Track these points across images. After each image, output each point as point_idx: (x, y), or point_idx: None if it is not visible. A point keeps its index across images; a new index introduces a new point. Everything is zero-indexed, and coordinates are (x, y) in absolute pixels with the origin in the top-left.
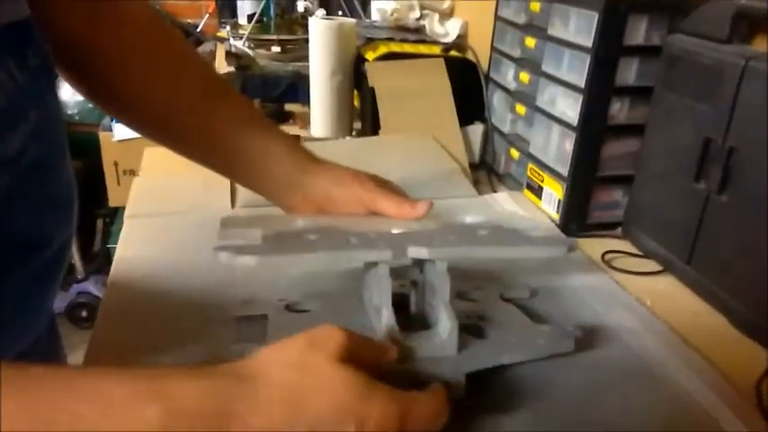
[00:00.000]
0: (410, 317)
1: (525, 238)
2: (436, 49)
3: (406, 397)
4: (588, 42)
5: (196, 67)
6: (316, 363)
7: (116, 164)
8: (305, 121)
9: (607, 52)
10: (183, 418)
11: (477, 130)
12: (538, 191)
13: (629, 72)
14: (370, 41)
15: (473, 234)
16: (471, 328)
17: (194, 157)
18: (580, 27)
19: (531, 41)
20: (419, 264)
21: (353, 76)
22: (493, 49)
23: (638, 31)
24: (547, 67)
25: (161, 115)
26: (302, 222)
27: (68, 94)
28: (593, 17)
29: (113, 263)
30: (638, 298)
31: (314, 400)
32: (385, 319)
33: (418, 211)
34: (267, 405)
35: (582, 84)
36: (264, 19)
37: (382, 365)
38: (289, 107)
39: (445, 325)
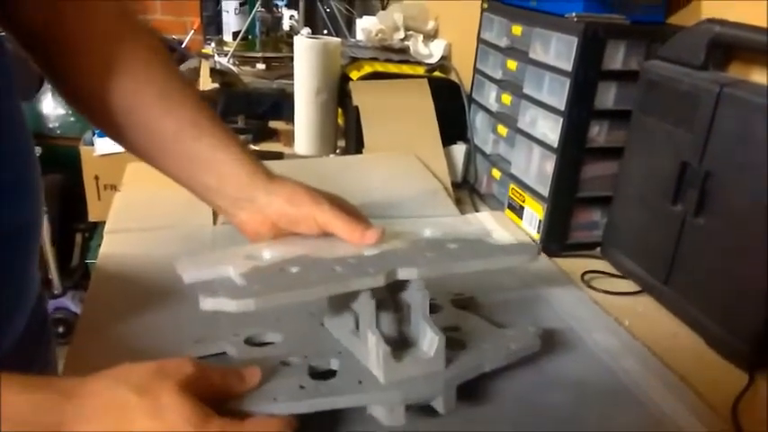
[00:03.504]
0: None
1: (493, 247)
2: (420, 70)
3: (240, 426)
4: (568, 66)
5: (158, 66)
6: (158, 388)
7: (97, 178)
8: (289, 139)
9: (586, 76)
10: (14, 426)
11: (459, 150)
12: (519, 211)
13: (607, 96)
14: (355, 61)
15: (446, 249)
16: (450, 341)
17: (148, 159)
18: (560, 51)
19: (512, 64)
20: (392, 283)
21: (338, 95)
22: (475, 70)
23: (617, 57)
24: (528, 90)
25: (117, 111)
26: (268, 253)
27: (50, 107)
28: (573, 42)
29: (92, 279)
30: (616, 318)
31: (144, 421)
32: (373, 343)
33: (368, 237)
34: (93, 419)
35: (562, 106)
36: (250, 36)
37: (232, 394)
38: (273, 124)
39: (431, 341)
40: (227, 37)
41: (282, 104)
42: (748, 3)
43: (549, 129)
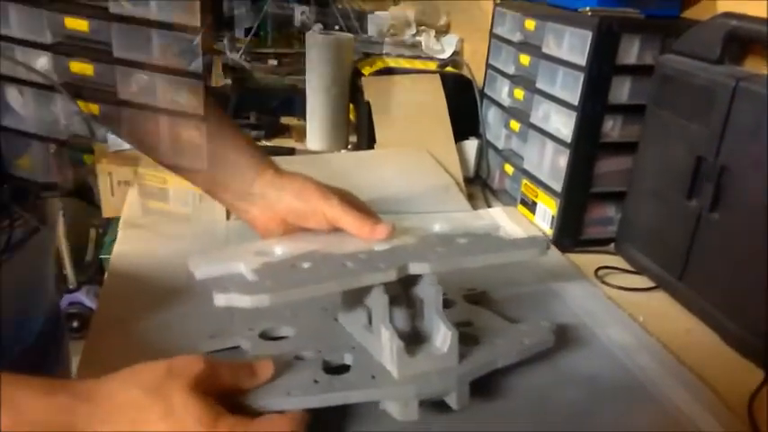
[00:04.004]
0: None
1: (503, 241)
2: (432, 65)
3: (251, 425)
4: (582, 61)
5: None
6: (169, 389)
7: (110, 174)
8: (301, 135)
9: (600, 71)
10: (28, 427)
11: (471, 145)
12: (532, 206)
13: (621, 90)
14: (367, 56)
15: (456, 244)
16: (464, 336)
17: (155, 157)
18: (574, 46)
19: (525, 59)
20: (404, 279)
21: (349, 91)
22: (488, 65)
23: (631, 51)
24: (541, 85)
25: (122, 110)
26: (279, 249)
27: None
28: (587, 36)
29: (106, 274)
30: (630, 314)
31: (157, 423)
32: (386, 338)
33: (378, 233)
34: (108, 421)
35: (575, 101)
36: (261, 32)
37: (243, 389)
38: (285, 120)
39: (445, 336)
40: (239, 33)
41: (294, 100)
42: None
43: (563, 124)
